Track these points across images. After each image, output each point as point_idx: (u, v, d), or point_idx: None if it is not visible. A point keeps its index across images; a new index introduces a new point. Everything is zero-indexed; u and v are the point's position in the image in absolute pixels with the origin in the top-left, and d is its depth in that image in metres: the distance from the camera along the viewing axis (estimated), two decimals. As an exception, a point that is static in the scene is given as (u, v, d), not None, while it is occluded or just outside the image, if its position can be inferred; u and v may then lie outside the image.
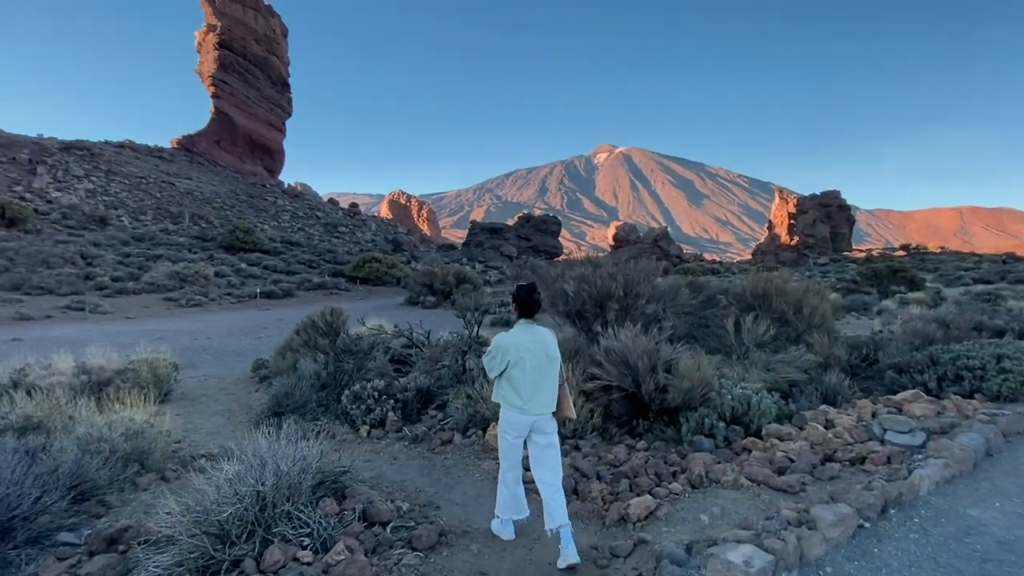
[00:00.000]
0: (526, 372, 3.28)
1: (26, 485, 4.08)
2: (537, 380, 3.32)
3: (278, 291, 27.49)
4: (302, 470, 3.70)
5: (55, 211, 37.63)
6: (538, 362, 3.32)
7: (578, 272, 8.71)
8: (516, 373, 3.28)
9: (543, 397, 3.36)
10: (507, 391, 3.36)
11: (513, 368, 3.29)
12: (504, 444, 3.47)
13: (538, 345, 3.36)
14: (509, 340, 3.35)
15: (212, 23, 71.18)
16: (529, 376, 3.28)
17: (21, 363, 7.77)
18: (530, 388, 3.29)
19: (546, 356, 3.37)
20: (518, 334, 3.34)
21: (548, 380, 3.40)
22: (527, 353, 3.29)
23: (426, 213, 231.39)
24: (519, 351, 3.29)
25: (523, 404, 3.30)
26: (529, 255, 51.59)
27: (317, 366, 8.01)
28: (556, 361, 3.48)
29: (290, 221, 60.35)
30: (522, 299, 3.48)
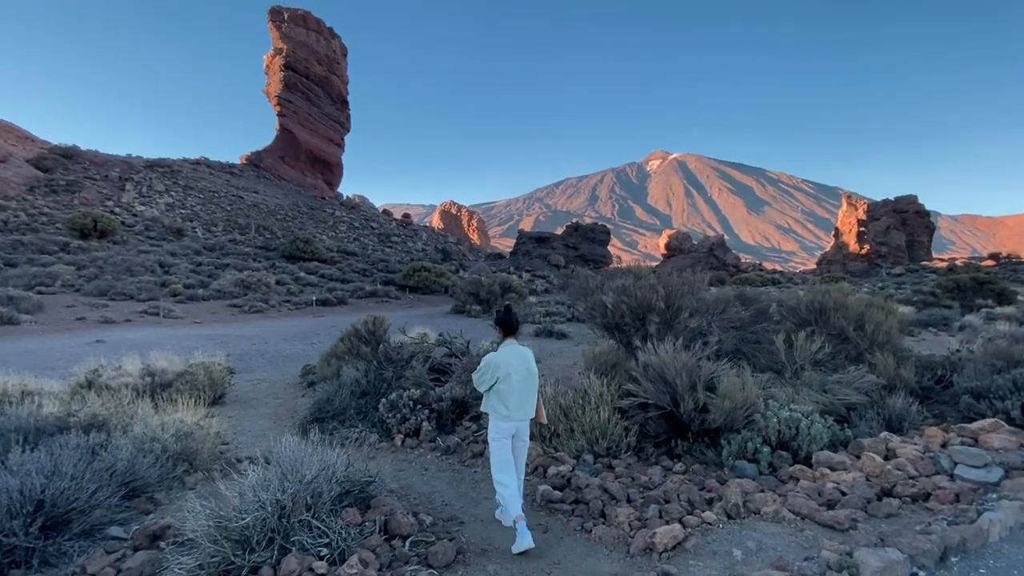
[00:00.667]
0: (512, 385, 3.77)
1: (85, 480, 4.39)
2: (521, 392, 3.83)
3: (333, 299, 28.65)
4: (326, 479, 3.76)
5: (139, 223, 41.22)
6: (522, 376, 3.84)
7: (617, 283, 8.48)
8: (504, 387, 3.77)
9: (526, 407, 3.89)
10: (495, 402, 3.85)
11: (502, 383, 3.77)
12: (494, 448, 3.89)
13: (522, 362, 3.89)
14: (499, 358, 3.84)
15: (279, 46, 76.10)
16: (515, 389, 3.79)
17: (97, 364, 8.49)
18: (516, 399, 3.79)
19: (528, 371, 3.92)
20: (505, 353, 3.87)
21: (530, 392, 3.93)
22: (513, 369, 3.79)
23: (476, 223, 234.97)
24: (507, 368, 3.78)
25: (509, 413, 3.79)
26: (577, 264, 51.11)
27: (358, 374, 8.21)
28: (536, 375, 4.00)
29: (346, 231, 63.03)
30: (503, 322, 4.04)
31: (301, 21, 78.08)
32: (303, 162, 77.47)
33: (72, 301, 21.92)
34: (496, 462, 3.87)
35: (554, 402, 6.13)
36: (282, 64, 74.50)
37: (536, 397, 4.02)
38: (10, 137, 48.58)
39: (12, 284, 22.59)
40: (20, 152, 46.42)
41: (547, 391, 6.26)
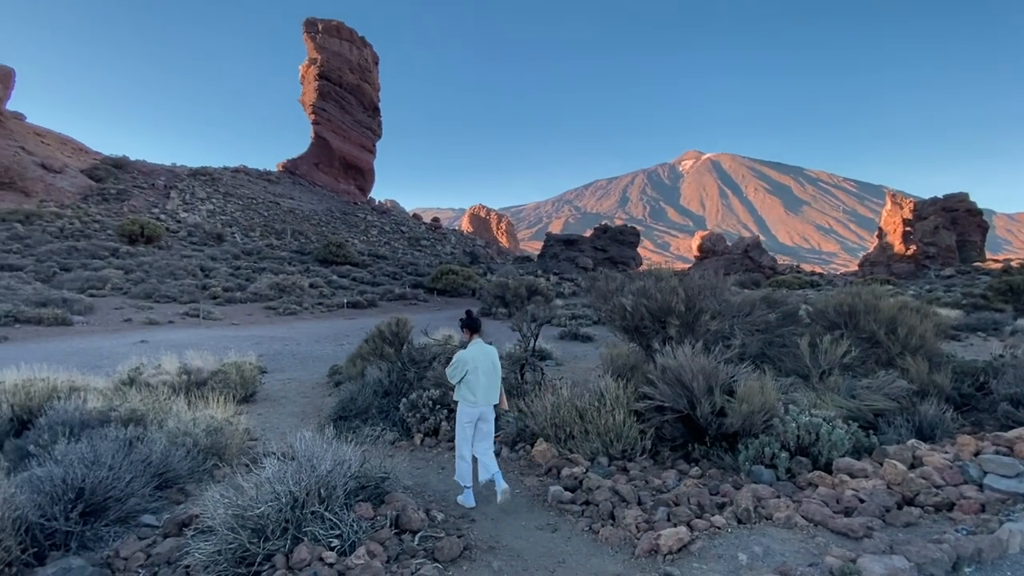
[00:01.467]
0: (479, 377, 4.60)
1: (121, 471, 4.68)
2: (487, 383, 4.64)
3: (363, 301, 29.30)
4: (340, 474, 3.90)
5: (182, 229, 43.24)
6: (487, 370, 4.65)
7: (637, 285, 8.41)
8: (472, 378, 4.61)
9: (490, 395, 4.70)
10: (465, 391, 4.67)
11: (470, 375, 4.60)
12: (460, 429, 4.73)
13: (487, 357, 4.70)
14: (467, 355, 4.67)
15: (313, 57, 78.57)
16: (481, 380, 4.61)
17: (138, 363, 8.99)
18: (482, 389, 4.63)
19: (492, 365, 4.73)
20: (473, 350, 4.68)
21: (494, 382, 4.73)
22: (479, 364, 4.61)
23: (505, 226, 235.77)
24: (475, 363, 4.61)
25: (476, 400, 4.63)
26: (606, 267, 50.69)
27: (381, 374, 8.41)
28: (499, 369, 4.81)
29: (378, 236, 64.37)
30: (468, 324, 4.91)
31: (335, 31, 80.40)
32: (336, 168, 79.61)
33: (120, 303, 23.17)
34: (460, 440, 4.75)
35: (570, 404, 6.14)
36: (316, 74, 76.87)
37: (499, 386, 4.83)
38: (66, 149, 51.93)
39: (67, 287, 24.07)
40: (75, 163, 49.52)
41: (563, 393, 6.28)
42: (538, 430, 6.19)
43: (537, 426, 6.21)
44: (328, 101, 77.04)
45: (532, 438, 6.27)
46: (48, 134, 52.26)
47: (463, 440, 4.75)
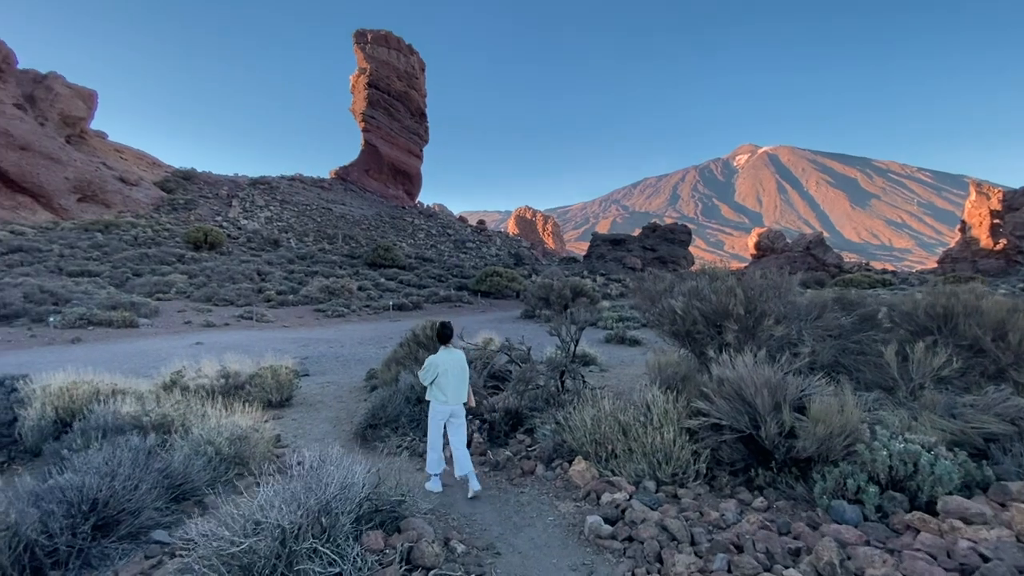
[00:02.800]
0: (449, 378, 5.11)
1: (138, 482, 4.50)
2: (456, 383, 5.14)
3: (408, 303, 29.53)
4: (346, 499, 3.49)
5: (242, 235, 45.46)
6: (456, 372, 5.16)
7: (689, 286, 7.64)
8: (443, 380, 5.10)
9: (459, 394, 5.19)
10: (436, 392, 5.14)
11: (442, 377, 5.10)
12: (433, 425, 5.19)
13: (456, 361, 5.22)
14: (439, 359, 5.15)
15: (363, 66, 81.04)
16: (451, 381, 5.12)
17: (181, 366, 9.11)
18: (452, 389, 5.12)
19: (460, 367, 5.23)
20: (443, 354, 5.19)
21: (462, 383, 5.21)
22: (449, 366, 5.13)
23: (551, 227, 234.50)
24: (445, 365, 5.12)
25: (447, 399, 5.11)
26: (655, 267, 48.92)
27: (414, 379, 8.07)
28: (467, 371, 5.31)
29: (424, 239, 65.33)
30: (439, 334, 5.39)
31: (383, 41, 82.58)
32: (385, 174, 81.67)
33: (183, 306, 24.39)
34: (431, 436, 5.21)
35: (612, 418, 5.51)
36: (366, 83, 79.20)
37: (467, 386, 5.32)
38: (142, 164, 56.07)
39: (137, 292, 25.65)
40: (149, 176, 53.33)
41: (604, 405, 5.66)
42: (576, 446, 5.60)
43: (575, 442, 5.62)
44: (377, 109, 79.17)
45: (570, 455, 5.69)
46: (126, 150, 56.71)
47: (435, 436, 5.22)
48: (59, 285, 22.54)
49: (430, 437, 5.23)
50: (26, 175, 37.85)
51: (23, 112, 39.10)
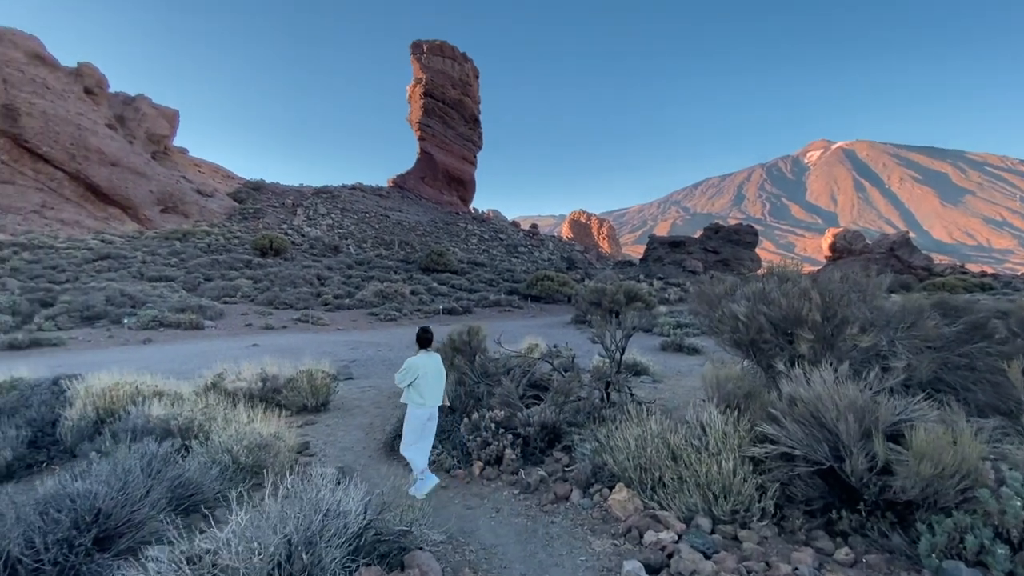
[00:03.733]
0: (428, 381, 5.17)
1: (144, 490, 4.29)
2: (433, 386, 5.24)
3: (459, 308, 29.49)
4: (335, 530, 3.02)
5: (305, 242, 47.60)
6: (434, 375, 5.25)
7: (754, 288, 6.70)
8: (421, 382, 5.15)
9: (436, 397, 5.28)
10: (415, 395, 5.17)
11: (420, 380, 5.14)
12: (411, 430, 5.20)
13: (434, 364, 5.30)
14: (417, 362, 5.18)
15: (419, 76, 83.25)
16: (429, 384, 5.19)
17: (222, 368, 9.19)
18: (429, 391, 5.19)
19: (437, 371, 5.33)
20: (422, 358, 5.23)
21: (439, 386, 5.33)
22: (427, 370, 5.18)
23: (606, 230, 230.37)
24: (424, 369, 5.17)
25: (424, 401, 5.17)
26: (718, 270, 46.37)
27: (448, 386, 7.63)
28: (443, 374, 5.42)
29: (477, 244, 65.80)
30: (419, 338, 5.39)
31: (438, 50, 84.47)
32: (440, 181, 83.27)
33: (246, 310, 25.55)
34: (408, 439, 5.24)
35: (660, 440, 4.77)
36: (422, 92, 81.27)
37: (443, 389, 5.44)
38: (217, 176, 60.42)
39: (207, 295, 27.20)
40: (223, 188, 57.30)
41: (651, 425, 4.93)
42: (618, 471, 4.90)
43: (617, 465, 4.92)
44: (432, 117, 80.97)
45: (610, 480, 4.99)
46: (203, 164, 61.31)
47: (414, 439, 5.23)
48: (138, 289, 24.25)
49: (407, 442, 5.26)
50: (116, 188, 41.63)
51: (114, 131, 43.14)
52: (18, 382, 8.35)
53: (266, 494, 3.56)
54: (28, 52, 40.88)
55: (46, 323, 18.38)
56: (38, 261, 29.05)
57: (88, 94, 45.26)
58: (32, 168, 38.28)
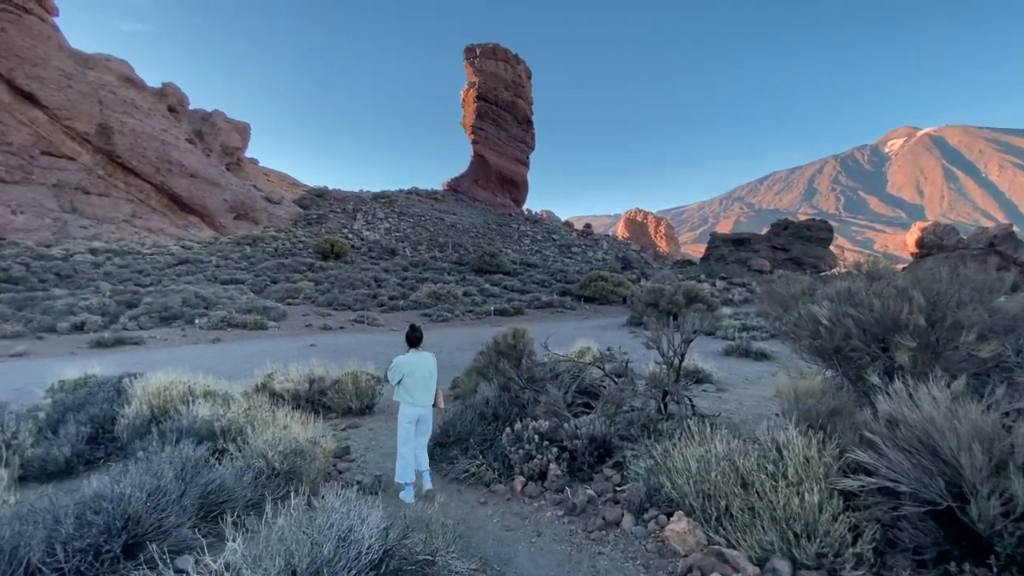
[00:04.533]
0: (416, 380, 5.27)
1: (176, 495, 4.18)
2: (422, 386, 5.33)
3: (510, 309, 29.24)
4: (350, 559, 2.68)
5: (364, 245, 49.21)
6: (423, 374, 5.34)
7: (838, 287, 5.81)
8: (409, 381, 5.25)
9: (426, 397, 5.37)
10: (403, 393, 5.27)
11: (408, 378, 5.24)
12: (403, 429, 5.24)
13: (424, 364, 5.40)
14: (406, 360, 5.28)
15: (472, 80, 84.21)
16: (418, 383, 5.28)
17: (272, 369, 9.31)
18: (418, 391, 5.29)
19: (428, 372, 5.43)
20: (411, 356, 5.32)
21: (429, 386, 5.41)
22: (415, 369, 5.28)
23: (664, 229, 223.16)
24: (411, 367, 5.26)
25: (413, 400, 5.27)
26: (787, 269, 43.34)
27: (490, 393, 7.25)
28: (434, 375, 5.50)
29: (530, 244, 65.49)
30: (408, 337, 5.42)
31: (491, 54, 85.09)
32: (493, 183, 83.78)
33: (307, 311, 26.54)
34: (401, 438, 5.23)
35: (727, 463, 4.13)
36: (475, 96, 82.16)
37: (435, 390, 5.47)
38: (284, 184, 63.95)
39: (272, 297, 28.54)
40: (289, 195, 60.54)
41: (715, 445, 4.29)
42: (677, 496, 4.29)
43: (676, 490, 4.31)
44: (485, 120, 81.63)
45: (668, 506, 4.39)
46: (272, 173, 65.11)
47: (404, 440, 5.23)
48: (211, 291, 25.79)
49: (400, 441, 5.29)
50: (195, 198, 44.91)
51: (193, 145, 46.60)
52: (90, 379, 8.83)
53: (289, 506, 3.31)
54: (120, 75, 45.07)
55: (130, 323, 19.84)
56: (127, 266, 31.72)
57: (171, 112, 49.24)
58: (124, 181, 42.06)
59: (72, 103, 39.20)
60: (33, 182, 34.03)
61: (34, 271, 26.70)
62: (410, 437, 5.25)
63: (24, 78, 37.25)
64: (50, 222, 33.22)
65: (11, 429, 5.72)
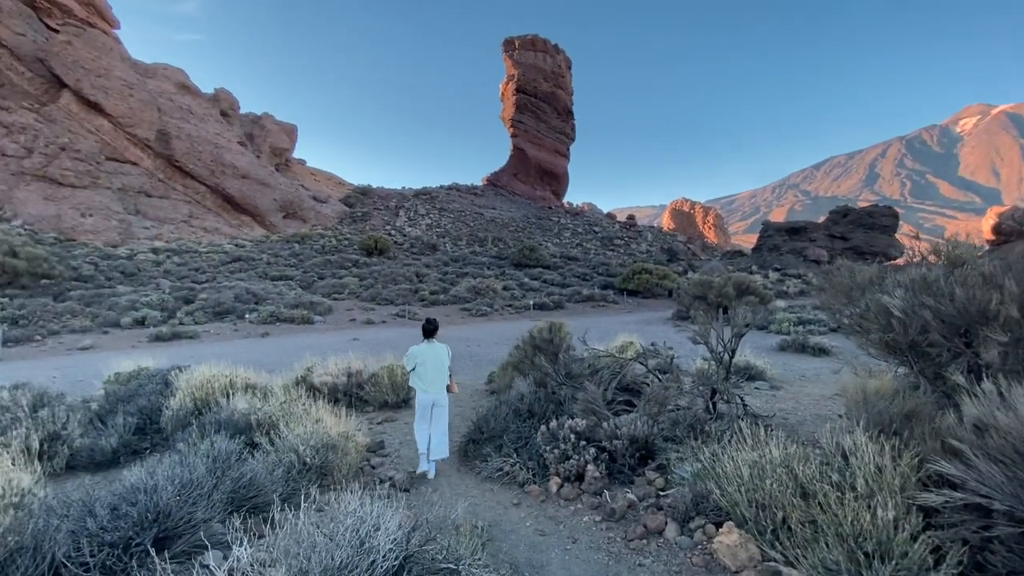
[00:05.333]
0: (427, 369, 5.75)
1: (207, 489, 4.18)
2: (433, 374, 5.76)
3: (550, 303, 28.88)
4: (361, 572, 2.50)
5: (406, 241, 50.02)
6: (434, 364, 5.79)
7: (912, 276, 5.19)
8: (421, 370, 5.75)
9: (436, 384, 5.78)
10: (417, 380, 5.78)
11: (420, 367, 5.75)
12: (417, 412, 5.74)
13: (435, 354, 5.83)
14: (418, 350, 5.80)
15: (511, 73, 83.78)
16: (428, 372, 5.74)
17: (312, 362, 9.42)
18: (429, 378, 5.74)
19: (439, 360, 5.84)
20: (424, 347, 5.81)
21: (440, 375, 5.82)
22: (427, 359, 5.77)
23: (712, 219, 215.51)
24: (423, 357, 5.77)
25: (426, 387, 5.74)
26: (848, 258, 40.76)
27: (525, 388, 7.01)
28: (445, 364, 5.89)
29: (570, 238, 64.65)
30: (423, 329, 5.94)
31: (529, 45, 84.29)
32: (533, 176, 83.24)
33: (351, 306, 27.16)
34: (417, 421, 5.69)
35: (783, 470, 3.73)
36: (514, 89, 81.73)
37: (446, 378, 5.82)
38: (330, 183, 65.98)
39: (319, 292, 29.40)
40: (336, 194, 62.37)
41: (771, 450, 3.88)
42: (727, 504, 3.92)
43: (725, 498, 3.94)
44: (524, 113, 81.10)
45: (716, 514, 4.02)
46: (319, 173, 67.32)
47: (418, 420, 5.69)
48: (261, 288, 26.82)
49: (416, 422, 5.75)
50: (246, 198, 46.97)
51: (244, 148, 48.74)
52: (142, 372, 9.24)
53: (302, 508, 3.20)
54: (176, 83, 47.65)
55: (186, 318, 20.87)
56: (185, 264, 33.53)
57: (223, 116, 51.67)
58: (181, 184, 44.52)
59: (133, 111, 41.77)
60: (100, 186, 36.52)
61: (102, 270, 28.62)
62: (425, 419, 5.68)
63: (90, 89, 39.98)
64: (116, 223, 35.57)
65: (62, 420, 5.96)
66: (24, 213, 33.45)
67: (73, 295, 23.00)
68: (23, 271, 24.06)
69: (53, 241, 31.94)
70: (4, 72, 41.26)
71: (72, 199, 34.75)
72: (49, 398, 7.69)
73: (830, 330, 17.97)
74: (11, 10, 42.40)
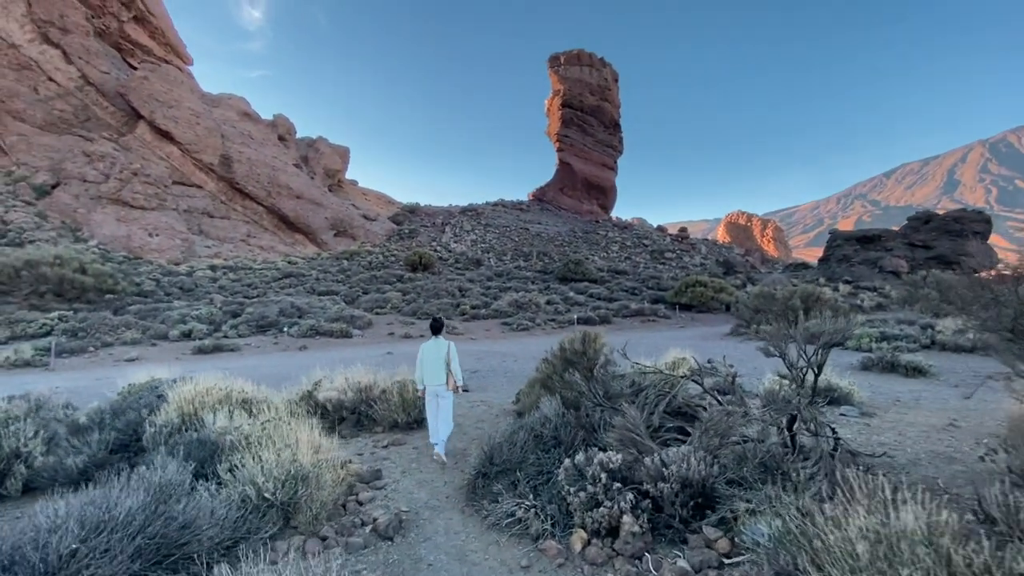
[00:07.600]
0: (427, 363, 6.28)
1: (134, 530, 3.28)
2: (432, 368, 6.25)
3: (595, 317, 27.34)
4: None
5: (451, 257, 49.87)
6: (434, 358, 6.25)
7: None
8: (423, 363, 6.32)
9: (435, 377, 6.22)
10: (419, 372, 6.40)
11: (422, 361, 6.33)
12: (427, 403, 6.32)
13: (438, 350, 6.27)
14: (425, 345, 6.37)
15: (557, 88, 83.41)
16: (427, 367, 6.28)
17: (320, 376, 8.62)
18: (428, 372, 6.26)
19: (439, 356, 6.26)
20: (429, 343, 6.36)
21: (436, 369, 6.24)
22: (428, 353, 6.29)
23: (771, 232, 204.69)
24: (425, 352, 6.32)
25: (426, 380, 6.28)
26: (931, 267, 36.50)
27: (550, 410, 5.78)
28: (443, 359, 6.26)
29: (618, 251, 62.49)
30: (430, 326, 6.49)
31: (575, 60, 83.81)
32: (579, 190, 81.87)
33: (392, 320, 26.77)
34: (427, 411, 6.38)
35: (920, 542, 2.36)
36: (560, 104, 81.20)
37: (445, 373, 6.24)
38: (379, 202, 67.56)
39: (362, 307, 29.30)
40: (384, 212, 63.67)
41: (906, 518, 2.48)
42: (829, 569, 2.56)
43: (831, 562, 2.59)
44: (570, 127, 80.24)
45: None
46: (369, 192, 69.20)
47: (428, 411, 6.32)
48: (305, 302, 26.97)
49: (428, 414, 6.34)
50: (300, 217, 48.59)
51: (299, 169, 50.70)
52: (155, 383, 8.76)
53: None
54: (238, 111, 50.52)
55: (230, 331, 21.02)
56: (239, 280, 34.60)
57: (280, 140, 54.16)
58: (241, 205, 46.66)
59: (200, 138, 44.38)
60: (166, 208, 38.71)
61: (162, 286, 29.88)
62: (433, 410, 6.22)
63: (162, 119, 42.89)
64: (179, 242, 37.45)
65: (27, 436, 5.32)
66: (99, 234, 35.83)
67: (131, 309, 23.89)
68: (90, 286, 25.35)
69: (122, 259, 33.87)
70: (90, 107, 45.11)
71: (141, 220, 36.95)
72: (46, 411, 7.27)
73: (922, 347, 15.49)
74: (98, 51, 46.53)
